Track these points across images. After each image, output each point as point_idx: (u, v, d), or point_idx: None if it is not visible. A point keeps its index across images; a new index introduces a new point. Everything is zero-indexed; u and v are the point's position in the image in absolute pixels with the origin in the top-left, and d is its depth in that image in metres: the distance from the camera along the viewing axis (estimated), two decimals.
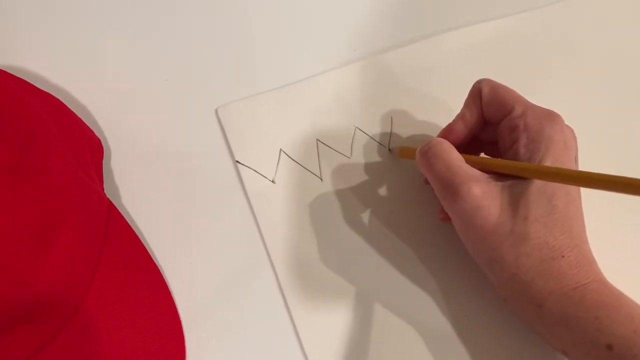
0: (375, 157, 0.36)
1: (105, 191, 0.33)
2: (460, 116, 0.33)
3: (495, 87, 0.32)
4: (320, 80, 0.38)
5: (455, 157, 0.30)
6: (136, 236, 0.32)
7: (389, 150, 0.37)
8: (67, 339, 0.27)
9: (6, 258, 0.25)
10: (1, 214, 0.25)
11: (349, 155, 0.36)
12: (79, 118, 0.33)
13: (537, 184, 0.28)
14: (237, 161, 0.35)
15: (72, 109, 0.34)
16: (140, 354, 0.29)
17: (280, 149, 0.36)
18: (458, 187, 0.28)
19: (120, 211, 0.32)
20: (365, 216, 0.35)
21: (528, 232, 0.28)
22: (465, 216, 0.29)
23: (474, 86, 0.33)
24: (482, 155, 0.35)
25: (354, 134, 0.37)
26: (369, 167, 0.36)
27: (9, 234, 0.25)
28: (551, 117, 0.30)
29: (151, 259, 0.32)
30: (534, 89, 0.33)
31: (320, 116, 0.37)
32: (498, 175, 0.29)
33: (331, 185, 0.35)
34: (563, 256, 0.28)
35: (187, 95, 0.37)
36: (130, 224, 0.32)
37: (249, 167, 0.35)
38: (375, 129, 0.37)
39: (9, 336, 0.26)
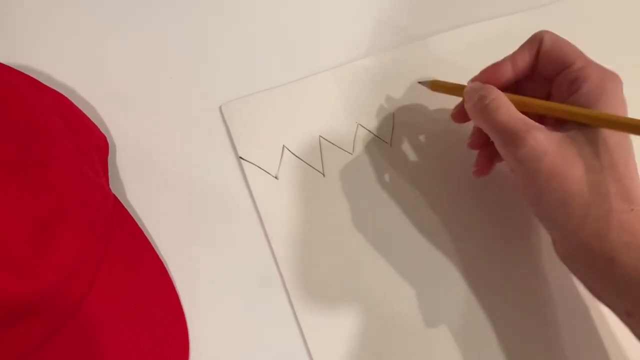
0: (378, 153, 0.37)
1: (110, 187, 0.33)
2: (510, 58, 0.33)
3: (557, 39, 0.31)
4: (323, 77, 0.38)
5: (513, 107, 0.30)
6: (141, 231, 0.32)
7: (418, 82, 0.37)
8: (71, 332, 0.28)
9: (10, 252, 0.25)
10: (5, 208, 0.25)
11: (351, 152, 0.36)
12: (85, 115, 0.34)
13: (602, 134, 0.28)
14: (241, 157, 0.35)
15: (77, 105, 0.34)
16: (144, 348, 0.29)
17: (283, 145, 0.36)
18: (524, 134, 0.28)
19: (125, 207, 0.32)
20: (368, 212, 0.35)
21: (596, 181, 0.27)
22: (531, 162, 0.28)
23: (534, 34, 0.32)
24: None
25: (357, 130, 0.37)
26: (371, 163, 0.36)
27: (13, 227, 0.25)
28: (612, 74, 0.30)
29: (156, 254, 0.32)
30: None
31: (322, 113, 0.37)
32: (554, 127, 0.29)
33: (334, 181, 0.36)
34: (632, 210, 0.27)
35: (191, 92, 0.37)
36: (135, 220, 0.32)
37: (253, 163, 0.35)
38: (377, 126, 0.37)
39: (13, 329, 0.26)
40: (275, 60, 0.38)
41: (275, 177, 0.35)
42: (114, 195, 0.32)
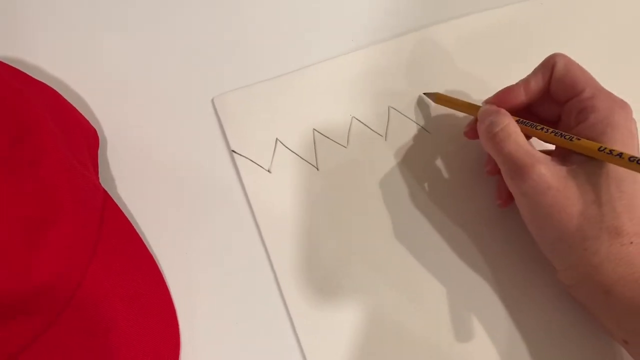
0: (372, 147, 0.36)
1: (100, 181, 0.33)
2: (524, 82, 0.33)
3: (569, 64, 0.32)
4: (317, 69, 0.37)
5: (523, 139, 0.30)
6: (131, 226, 0.32)
7: (423, 94, 0.37)
8: (61, 328, 0.27)
9: (2, 247, 0.25)
10: None
11: (345, 145, 0.36)
12: (74, 108, 0.33)
13: (605, 169, 0.28)
14: (233, 150, 0.35)
15: (67, 99, 0.34)
16: (134, 344, 0.29)
17: (277, 139, 0.36)
18: (530, 168, 0.29)
19: (115, 201, 0.32)
20: (361, 205, 0.35)
21: (596, 215, 0.28)
22: (535, 195, 0.29)
23: (547, 58, 0.32)
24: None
25: (351, 123, 0.37)
26: (365, 157, 0.36)
27: (2, 224, 0.25)
28: (621, 104, 0.30)
29: (146, 248, 0.32)
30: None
31: (316, 105, 0.37)
32: (559, 158, 0.30)
33: (327, 174, 0.35)
34: (632, 243, 0.28)
35: (183, 84, 0.37)
36: (126, 214, 0.32)
37: (245, 157, 0.35)
38: (371, 119, 0.37)
39: (3, 326, 0.26)
40: (268, 52, 0.38)
41: (268, 171, 0.35)
42: (104, 189, 0.32)
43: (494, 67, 0.39)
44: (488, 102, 0.34)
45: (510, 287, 0.34)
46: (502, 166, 0.30)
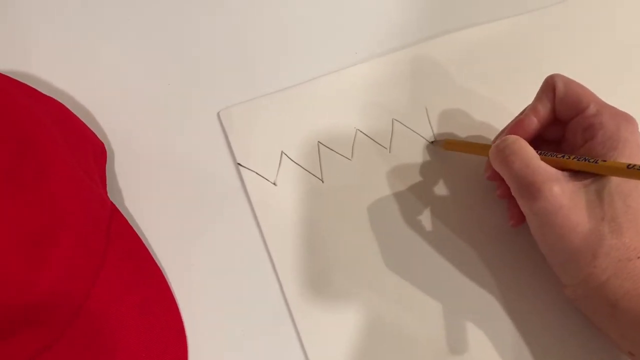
0: (376, 159, 0.36)
1: (108, 194, 0.33)
2: (532, 109, 0.33)
3: (568, 83, 0.32)
4: (321, 82, 0.38)
5: (533, 155, 0.30)
6: (139, 238, 0.32)
7: (431, 143, 0.37)
8: (69, 341, 0.28)
9: (7, 262, 0.25)
10: (1, 219, 0.25)
11: (350, 157, 0.36)
12: (82, 122, 0.34)
13: (613, 183, 0.28)
14: (239, 164, 0.35)
15: (75, 113, 0.34)
16: (142, 355, 0.29)
17: (282, 151, 0.36)
18: (540, 186, 0.28)
19: (123, 214, 0.32)
20: (366, 217, 0.35)
21: (605, 232, 0.28)
22: (545, 215, 0.28)
23: (546, 80, 0.32)
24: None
25: (355, 136, 0.37)
26: (369, 169, 0.36)
27: (9, 238, 0.25)
28: (627, 118, 0.30)
29: (154, 260, 0.32)
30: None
31: (321, 118, 0.37)
32: (572, 173, 0.29)
33: (332, 186, 0.35)
34: (639, 257, 0.28)
35: (190, 98, 0.37)
36: (133, 226, 0.32)
37: (251, 170, 0.35)
38: (376, 131, 0.37)
39: (11, 339, 0.26)
40: (273, 65, 0.38)
41: (274, 184, 0.35)
42: (112, 202, 0.32)
43: (497, 79, 0.39)
44: (497, 138, 0.34)
45: (515, 298, 0.34)
46: (511, 184, 0.30)
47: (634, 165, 0.27)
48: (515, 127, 0.33)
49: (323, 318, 0.32)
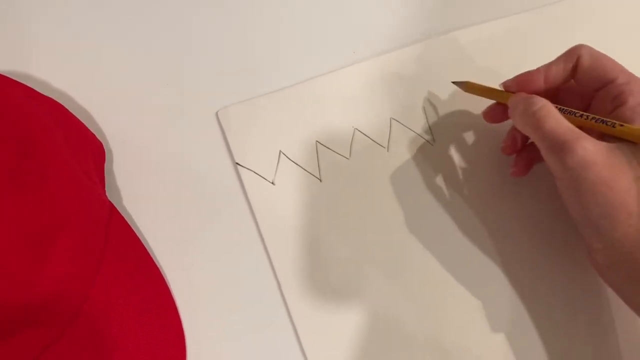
0: (374, 158, 0.37)
1: (107, 194, 0.33)
2: (545, 68, 0.33)
3: (596, 54, 0.32)
4: (319, 82, 0.38)
5: (561, 116, 0.30)
6: (137, 238, 0.32)
7: (452, 82, 0.37)
8: (69, 341, 0.28)
9: (7, 262, 0.25)
10: (2, 219, 0.25)
11: (347, 156, 0.36)
12: (81, 122, 0.34)
13: None
14: (237, 163, 0.35)
15: (74, 113, 0.34)
16: (141, 355, 0.29)
17: (280, 151, 0.36)
18: (573, 143, 0.28)
19: (122, 213, 0.32)
20: (364, 217, 0.35)
21: (639, 193, 0.28)
22: (579, 170, 0.28)
23: (571, 49, 0.33)
24: None
25: (353, 135, 0.37)
26: (368, 168, 0.36)
27: (10, 238, 0.25)
28: None
29: (152, 260, 0.32)
30: None
31: (319, 118, 0.37)
32: (600, 137, 0.30)
33: (330, 186, 0.36)
34: None
35: (188, 98, 0.37)
36: (132, 226, 0.33)
37: (249, 169, 0.35)
38: (374, 130, 0.37)
39: (11, 339, 0.26)
40: (271, 65, 0.38)
41: (272, 183, 0.35)
42: (111, 202, 0.32)
43: (495, 78, 0.39)
44: (506, 84, 0.34)
45: (526, 297, 0.34)
46: (542, 143, 0.30)
47: None
48: (521, 78, 0.34)
49: (321, 317, 0.32)
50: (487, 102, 0.36)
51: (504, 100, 0.34)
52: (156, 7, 0.39)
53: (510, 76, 0.34)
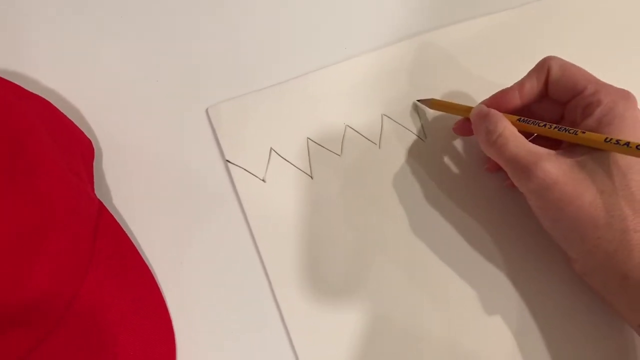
0: (366, 155, 0.36)
1: (96, 192, 0.33)
2: (518, 85, 0.33)
3: (565, 65, 0.32)
4: (310, 78, 0.38)
5: (523, 139, 0.31)
6: (127, 236, 0.32)
7: (418, 101, 0.38)
8: (58, 340, 0.28)
9: None
10: None
11: (339, 153, 0.36)
12: (69, 120, 0.34)
13: (611, 159, 0.29)
14: (228, 160, 0.35)
15: (63, 110, 0.34)
16: (131, 354, 0.29)
17: (271, 148, 0.36)
18: (532, 167, 0.29)
19: (111, 212, 0.32)
20: (356, 214, 0.35)
21: (606, 204, 0.28)
22: (542, 191, 0.29)
23: (541, 61, 0.33)
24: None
25: (345, 131, 0.37)
26: (359, 165, 0.36)
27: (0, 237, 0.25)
28: (625, 95, 0.30)
29: (142, 259, 0.32)
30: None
31: (310, 114, 0.37)
32: (566, 151, 0.30)
33: (322, 183, 0.35)
34: None
35: (178, 95, 0.37)
36: (122, 224, 0.32)
37: (240, 166, 0.35)
38: (365, 127, 0.37)
39: (0, 338, 0.26)
40: (261, 62, 0.38)
41: (263, 180, 0.35)
42: (100, 201, 0.32)
43: (486, 74, 0.39)
44: (483, 103, 0.34)
45: (522, 292, 0.34)
46: (506, 169, 0.31)
47: (611, 138, 0.28)
48: (497, 97, 0.34)
49: (313, 316, 0.32)
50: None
51: (467, 115, 0.34)
52: (146, 5, 0.39)
53: (500, 71, 0.34)
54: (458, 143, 0.37)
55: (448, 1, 0.42)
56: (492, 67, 0.40)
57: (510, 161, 0.30)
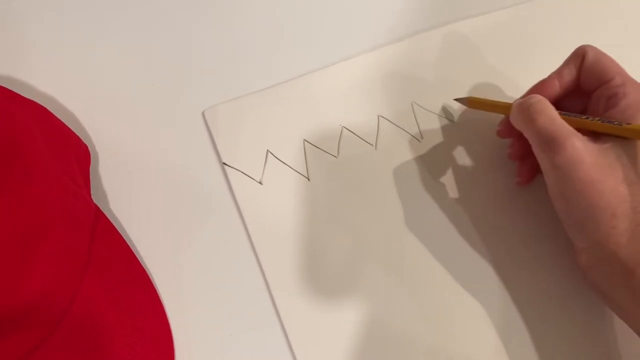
0: (362, 156, 0.36)
1: (93, 196, 0.33)
2: (557, 74, 0.34)
3: (599, 54, 0.32)
4: (306, 80, 0.38)
5: (556, 113, 0.31)
6: (124, 241, 0.32)
7: (455, 100, 0.38)
8: (55, 344, 0.28)
9: None
10: None
11: (335, 155, 0.36)
12: (65, 125, 0.34)
13: (636, 149, 0.29)
14: (224, 163, 0.35)
15: (59, 115, 0.34)
16: (128, 357, 0.29)
17: (268, 150, 0.36)
18: (563, 141, 0.29)
19: (108, 216, 0.32)
20: (353, 215, 0.35)
21: (626, 194, 0.28)
22: (566, 168, 0.29)
23: (577, 49, 0.33)
24: None
25: (341, 133, 0.37)
26: (356, 166, 0.36)
27: None
28: None
29: (139, 262, 0.32)
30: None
31: (306, 116, 0.37)
32: (592, 136, 0.30)
33: (318, 184, 0.35)
34: None
35: (174, 98, 0.37)
36: (119, 229, 0.32)
37: (236, 169, 0.35)
38: (361, 128, 0.37)
39: None
40: (257, 64, 0.38)
41: (260, 182, 0.35)
42: (96, 205, 0.32)
43: (484, 74, 0.39)
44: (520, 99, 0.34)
45: (516, 291, 0.34)
46: (534, 139, 0.31)
47: None
48: (537, 88, 0.34)
49: (310, 317, 0.32)
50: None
51: (507, 113, 0.34)
52: (142, 9, 0.39)
53: (498, 73, 0.34)
54: (454, 145, 0.37)
55: (443, 2, 0.42)
56: (490, 67, 0.40)
57: (542, 130, 0.30)
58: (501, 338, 0.33)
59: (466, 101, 0.37)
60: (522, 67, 0.33)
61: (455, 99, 0.38)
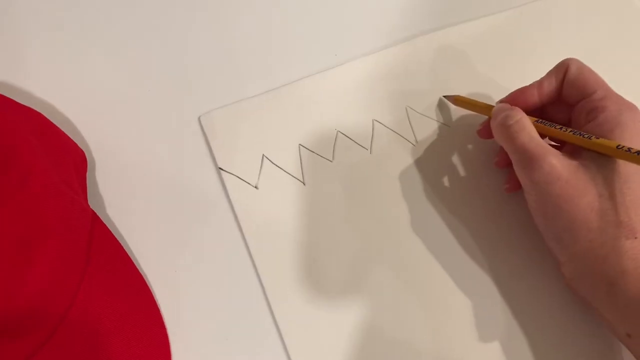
0: (357, 160, 0.37)
1: (89, 202, 0.33)
2: (538, 84, 0.34)
3: (582, 67, 0.33)
4: (301, 85, 0.38)
5: (535, 132, 0.31)
6: (121, 246, 0.32)
7: (443, 97, 0.38)
8: (53, 349, 0.28)
9: None
10: None
11: (331, 159, 0.37)
12: (62, 131, 0.34)
13: (613, 165, 0.29)
14: (220, 168, 0.35)
15: (55, 122, 0.34)
16: None
17: (263, 155, 0.36)
18: (540, 159, 0.30)
19: (105, 222, 0.32)
20: (348, 219, 0.35)
21: (603, 209, 0.29)
22: (544, 185, 0.30)
23: (561, 62, 0.34)
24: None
25: (336, 137, 0.37)
26: (351, 170, 0.36)
27: None
28: (630, 106, 0.31)
29: (136, 268, 0.32)
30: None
31: (301, 121, 0.37)
32: (569, 154, 0.31)
33: (314, 189, 0.36)
34: (636, 238, 0.29)
35: (170, 104, 0.37)
36: (115, 234, 0.32)
37: (232, 174, 0.35)
38: (356, 132, 0.37)
39: None
40: (252, 69, 0.38)
41: (255, 187, 0.35)
42: (93, 211, 0.32)
43: (478, 79, 0.40)
44: (502, 101, 0.35)
45: (511, 298, 0.34)
46: (514, 156, 0.31)
47: (623, 146, 0.28)
48: (516, 95, 0.34)
49: (306, 321, 0.33)
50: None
51: (489, 114, 0.35)
52: (138, 14, 0.39)
53: (492, 77, 0.35)
54: (448, 149, 0.38)
55: (438, 6, 0.42)
56: (484, 72, 0.40)
57: (520, 149, 0.31)
58: (500, 341, 0.33)
59: (452, 99, 0.38)
60: (516, 72, 0.34)
61: (444, 96, 0.38)
